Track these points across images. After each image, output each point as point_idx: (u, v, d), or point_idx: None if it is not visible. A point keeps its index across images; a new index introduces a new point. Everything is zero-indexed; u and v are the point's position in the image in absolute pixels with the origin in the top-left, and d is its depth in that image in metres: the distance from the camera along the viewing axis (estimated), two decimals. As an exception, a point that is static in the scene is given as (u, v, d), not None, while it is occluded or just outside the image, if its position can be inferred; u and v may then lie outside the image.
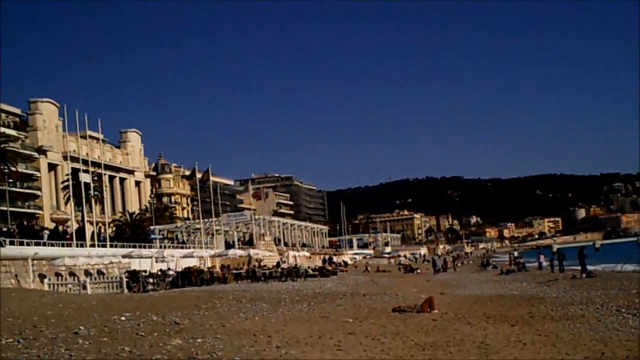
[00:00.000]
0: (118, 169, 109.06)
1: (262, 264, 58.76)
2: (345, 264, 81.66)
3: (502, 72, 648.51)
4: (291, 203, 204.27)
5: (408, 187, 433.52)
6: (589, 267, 41.11)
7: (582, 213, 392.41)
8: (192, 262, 53.84)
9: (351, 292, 33.96)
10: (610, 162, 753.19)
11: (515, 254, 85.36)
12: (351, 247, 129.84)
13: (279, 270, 52.40)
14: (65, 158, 79.75)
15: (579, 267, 40.50)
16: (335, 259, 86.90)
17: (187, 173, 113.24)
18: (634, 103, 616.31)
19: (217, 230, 75.08)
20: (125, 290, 37.60)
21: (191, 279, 44.49)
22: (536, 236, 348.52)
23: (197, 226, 77.17)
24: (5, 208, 66.58)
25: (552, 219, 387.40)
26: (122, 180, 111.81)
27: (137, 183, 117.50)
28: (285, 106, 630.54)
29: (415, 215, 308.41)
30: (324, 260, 79.12)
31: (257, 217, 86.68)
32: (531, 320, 18.78)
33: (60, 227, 59.65)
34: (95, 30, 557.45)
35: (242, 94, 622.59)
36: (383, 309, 22.91)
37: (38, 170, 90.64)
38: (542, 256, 59.04)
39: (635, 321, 17.25)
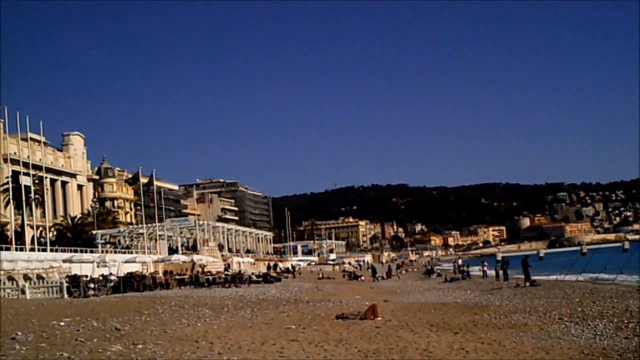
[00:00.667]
0: (60, 172, 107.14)
1: (205, 269, 58.30)
2: (294, 269, 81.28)
3: (446, 81, 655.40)
4: (236, 209, 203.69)
5: (354, 194, 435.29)
6: (533, 276, 41.57)
7: (526, 222, 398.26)
8: (134, 268, 53.19)
9: (295, 298, 33.91)
10: (555, 172, 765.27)
11: (460, 262, 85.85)
12: (296, 253, 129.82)
13: (223, 276, 52.09)
14: (5, 160, 78.19)
15: (523, 276, 40.91)
16: (281, 265, 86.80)
17: (131, 177, 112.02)
18: (577, 114, 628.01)
19: (160, 236, 74.35)
20: (66, 296, 36.87)
21: (133, 284, 43.86)
22: (481, 245, 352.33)
23: (141, 231, 76.36)
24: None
25: (496, 228, 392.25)
26: (63, 183, 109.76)
27: (80, 187, 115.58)
28: (230, 111, 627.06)
29: (361, 223, 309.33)
30: (268, 267, 78.89)
31: (201, 222, 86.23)
32: (474, 328, 18.86)
33: (-1, 231, 58.57)
34: (35, 30, 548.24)
35: (187, 98, 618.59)
36: (326, 315, 22.88)
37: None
38: (485, 264, 59.57)
39: (577, 329, 17.45)
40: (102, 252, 58.89)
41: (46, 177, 70.60)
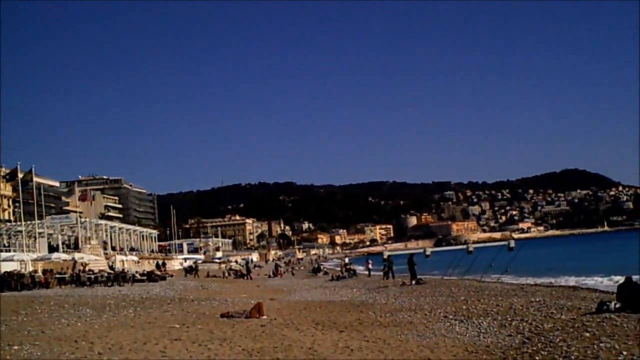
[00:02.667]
0: None
1: (87, 268, 56.85)
2: (193, 269, 79.57)
3: (334, 79, 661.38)
4: (120, 206, 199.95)
5: (241, 192, 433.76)
6: (419, 275, 42.19)
7: (413, 221, 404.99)
8: (12, 266, 51.37)
9: (179, 297, 33.43)
10: (441, 171, 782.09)
11: (346, 260, 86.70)
12: (181, 251, 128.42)
13: (105, 274, 50.92)
14: None
15: (409, 274, 41.42)
16: (167, 263, 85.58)
17: (9, 173, 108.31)
18: (461, 113, 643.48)
19: (40, 234, 72.09)
20: (-63, 295, 35.36)
21: (11, 283, 42.31)
22: (368, 243, 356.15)
23: (19, 229, 73.94)
24: None
25: (383, 226, 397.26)
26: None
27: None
28: (113, 105, 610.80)
29: (247, 221, 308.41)
30: (157, 265, 77.72)
31: (83, 220, 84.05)
32: (360, 326, 18.96)
33: None
34: None
35: (68, 91, 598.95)
36: (211, 314, 22.64)
37: None
38: (369, 263, 60.13)
39: (462, 327, 17.75)
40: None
41: None
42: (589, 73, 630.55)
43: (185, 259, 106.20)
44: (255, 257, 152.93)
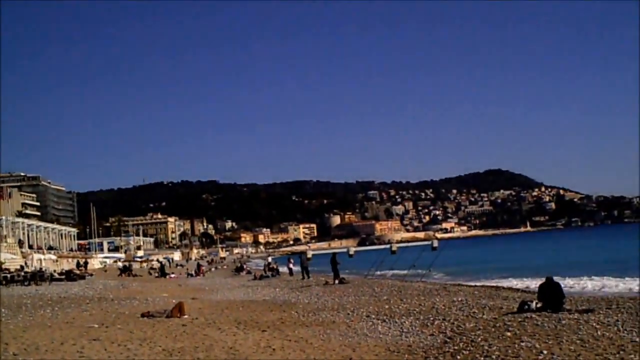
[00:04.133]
0: None
1: (3, 267, 55.47)
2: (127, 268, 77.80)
3: (251, 78, 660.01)
4: (38, 204, 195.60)
5: (163, 191, 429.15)
6: (342, 274, 42.30)
7: (337, 220, 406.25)
8: None
9: (99, 296, 32.79)
10: (365, 170, 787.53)
11: (270, 259, 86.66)
12: (102, 250, 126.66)
13: (22, 273, 49.73)
14: None
15: (332, 274, 41.47)
16: (89, 262, 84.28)
17: None
18: (384, 113, 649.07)
19: (-48, 232, 70.30)
20: None
21: None
22: (291, 242, 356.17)
23: None
24: None
25: (307, 225, 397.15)
26: None
27: None
28: (30, 99, 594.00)
29: (170, 219, 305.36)
30: (78, 264, 76.39)
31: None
32: (282, 325, 18.86)
33: None
34: None
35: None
36: (132, 314, 22.22)
37: None
38: (291, 262, 60.09)
39: (384, 327, 17.76)
40: None
41: None
42: (510, 72, 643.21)
43: (106, 258, 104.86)
44: (177, 256, 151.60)
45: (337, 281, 39.53)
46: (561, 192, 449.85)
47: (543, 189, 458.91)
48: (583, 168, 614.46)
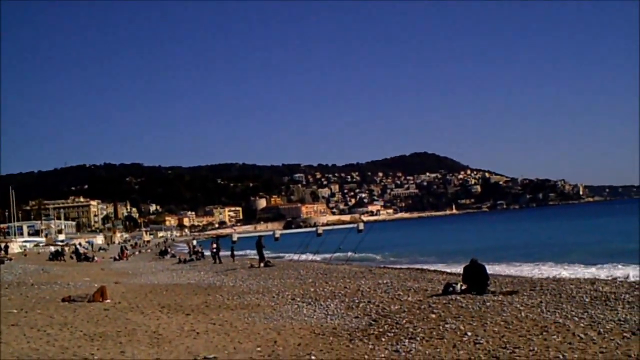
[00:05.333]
0: None
1: None
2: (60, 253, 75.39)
3: (171, 66, 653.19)
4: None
5: (85, 173, 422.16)
6: (268, 257, 42.25)
7: (262, 203, 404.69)
8: None
9: (18, 281, 31.99)
10: (291, 153, 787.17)
11: (194, 242, 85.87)
12: (21, 234, 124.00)
13: None
14: None
15: (258, 256, 41.39)
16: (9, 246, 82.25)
17: None
18: (307, 99, 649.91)
19: None
20: None
21: None
22: (216, 225, 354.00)
23: None
24: None
25: (232, 208, 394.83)
26: None
27: None
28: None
29: (92, 202, 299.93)
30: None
31: None
32: (206, 309, 18.75)
33: None
34: None
35: None
36: (52, 298, 21.75)
37: None
38: (214, 245, 59.68)
39: (309, 309, 17.76)
40: None
41: None
42: (434, 56, 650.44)
43: (26, 242, 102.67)
44: (100, 239, 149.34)
45: (262, 264, 39.48)
46: (487, 175, 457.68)
47: (469, 171, 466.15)
48: (509, 151, 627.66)
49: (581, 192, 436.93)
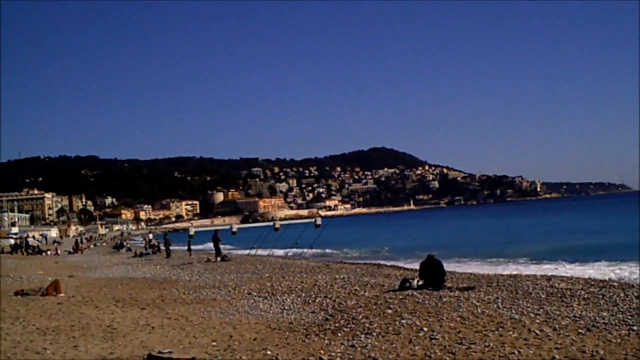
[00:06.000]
0: None
1: None
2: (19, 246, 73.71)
3: (117, 57, 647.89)
4: None
5: (40, 165, 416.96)
6: (225, 251, 42.08)
7: (220, 197, 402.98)
8: None
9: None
10: (250, 147, 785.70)
11: (151, 236, 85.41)
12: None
13: None
14: None
15: (214, 251, 41.24)
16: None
17: None
18: (273, 90, 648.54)
19: None
20: None
21: None
22: (173, 219, 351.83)
23: None
24: None
25: (189, 202, 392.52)
26: None
27: None
28: None
29: (46, 195, 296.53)
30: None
31: None
32: (162, 303, 18.64)
33: None
34: None
35: None
36: (4, 292, 21.40)
37: None
38: (150, 235, 59.23)
39: (265, 304, 17.71)
40: None
41: None
42: (393, 51, 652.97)
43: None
44: (54, 232, 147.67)
45: (219, 258, 39.30)
46: (445, 170, 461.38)
47: (427, 167, 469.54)
48: (467, 147, 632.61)
49: (539, 189, 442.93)
